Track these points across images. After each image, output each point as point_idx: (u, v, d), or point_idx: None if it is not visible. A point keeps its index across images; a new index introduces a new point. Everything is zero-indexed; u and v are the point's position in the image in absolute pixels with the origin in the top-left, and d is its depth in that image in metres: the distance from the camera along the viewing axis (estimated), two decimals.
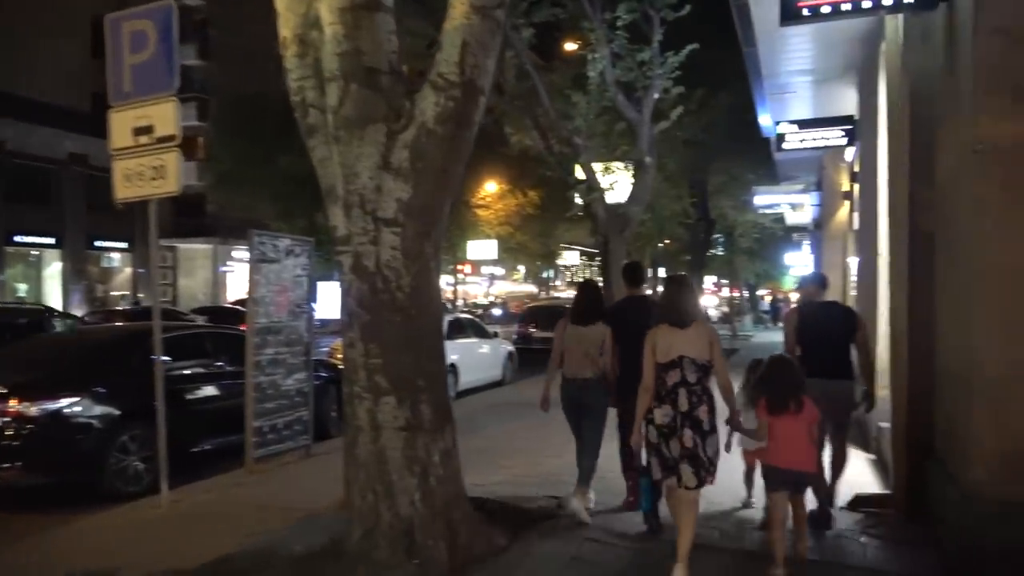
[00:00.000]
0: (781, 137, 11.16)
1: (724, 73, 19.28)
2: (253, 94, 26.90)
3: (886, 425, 8.10)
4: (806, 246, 32.57)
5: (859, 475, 7.32)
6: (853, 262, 13.75)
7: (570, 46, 15.70)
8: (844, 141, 10.96)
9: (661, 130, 12.55)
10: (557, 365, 5.67)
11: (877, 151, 8.28)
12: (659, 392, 4.41)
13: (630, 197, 11.97)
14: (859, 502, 6.04)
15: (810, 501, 5.03)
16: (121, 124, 6.00)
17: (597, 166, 12.47)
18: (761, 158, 23.17)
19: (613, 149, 13.14)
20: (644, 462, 4.77)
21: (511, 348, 15.60)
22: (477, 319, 16.45)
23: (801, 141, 11.12)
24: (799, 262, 34.27)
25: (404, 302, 4.14)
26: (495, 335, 15.21)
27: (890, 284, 6.25)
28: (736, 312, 36.09)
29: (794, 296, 38.67)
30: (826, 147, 11.39)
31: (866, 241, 9.49)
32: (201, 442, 7.48)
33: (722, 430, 4.71)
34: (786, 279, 42.38)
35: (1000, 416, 4.48)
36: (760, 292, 53.04)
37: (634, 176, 12.27)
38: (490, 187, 31.60)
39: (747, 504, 5.89)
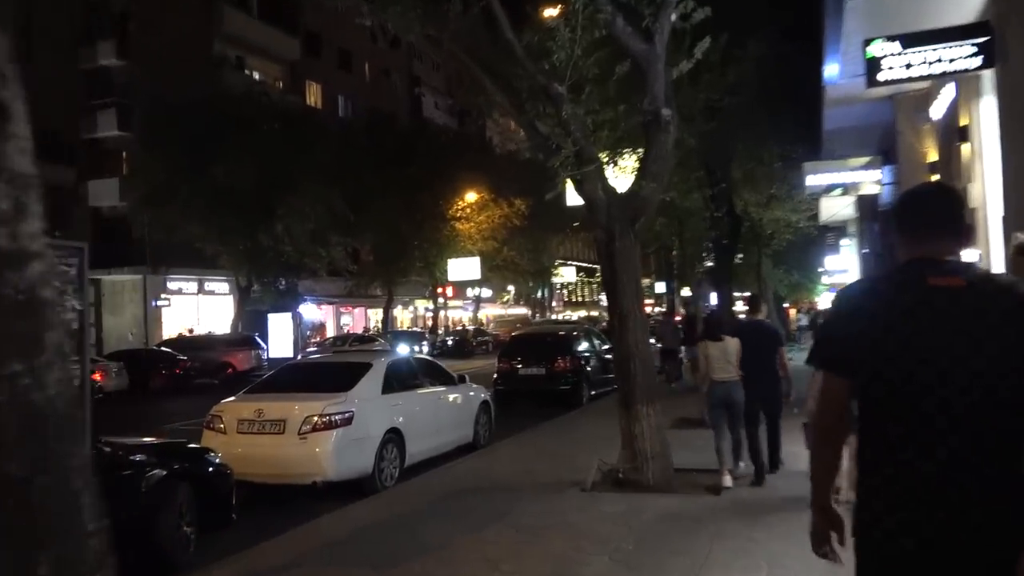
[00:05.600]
0: (875, 63, 7.08)
1: (749, 18, 15.07)
2: (181, 96, 23.10)
3: None
4: (844, 248, 28.07)
5: None
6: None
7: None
8: (978, 62, 6.91)
9: (678, 77, 8.41)
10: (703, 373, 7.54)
11: None
12: None
13: (642, 170, 7.82)
14: None
15: None
16: None
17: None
18: (795, 136, 18.81)
19: (611, 102, 8.81)
20: None
21: (486, 396, 11.46)
22: (433, 360, 12.40)
23: (908, 67, 7.03)
24: (840, 267, 28.68)
25: None
26: (463, 379, 11.10)
27: None
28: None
29: (822, 306, 34.29)
30: (945, 73, 7.25)
31: None
32: None
33: None
34: (819, 288, 37.24)
35: None
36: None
37: (646, 141, 8.10)
38: (469, 197, 27.61)
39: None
